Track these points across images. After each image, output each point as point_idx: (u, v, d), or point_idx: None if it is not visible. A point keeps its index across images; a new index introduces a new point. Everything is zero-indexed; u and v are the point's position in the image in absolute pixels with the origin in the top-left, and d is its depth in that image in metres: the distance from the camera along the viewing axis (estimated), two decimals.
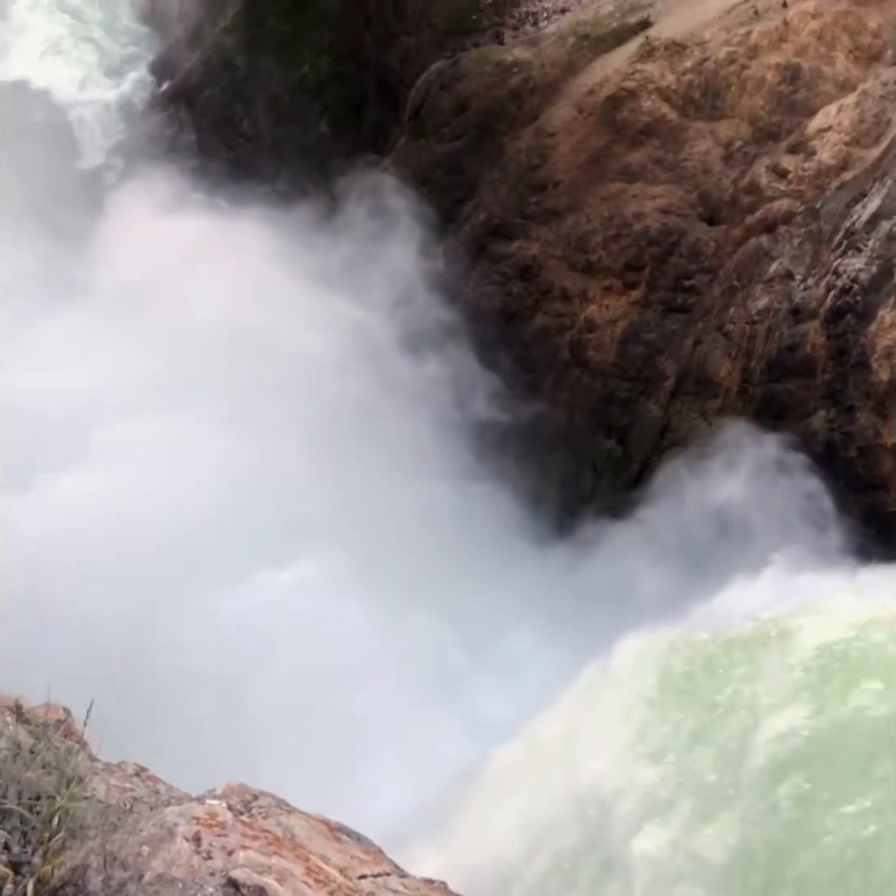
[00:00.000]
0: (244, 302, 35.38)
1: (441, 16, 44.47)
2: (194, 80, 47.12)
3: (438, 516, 32.46)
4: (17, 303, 33.37)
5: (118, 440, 29.19)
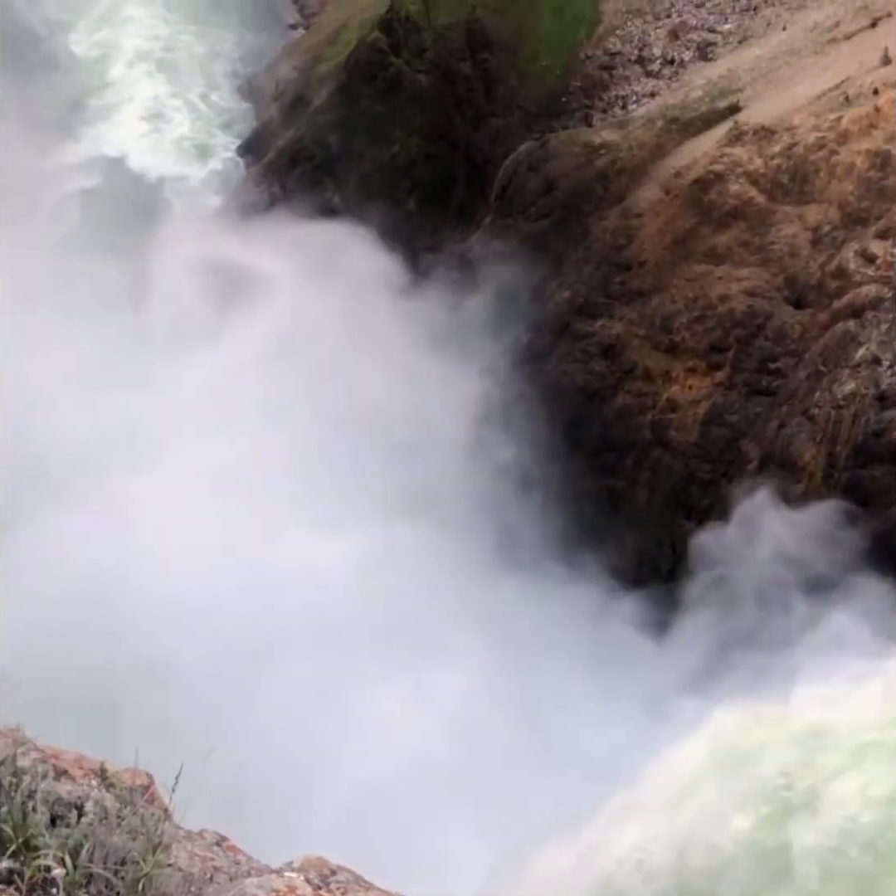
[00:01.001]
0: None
1: (531, 98, 45.15)
2: (287, 157, 48.18)
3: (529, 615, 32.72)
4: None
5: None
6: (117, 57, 59.60)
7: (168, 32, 60.78)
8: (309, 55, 53.96)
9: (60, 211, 48.74)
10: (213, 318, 38.52)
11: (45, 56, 58.36)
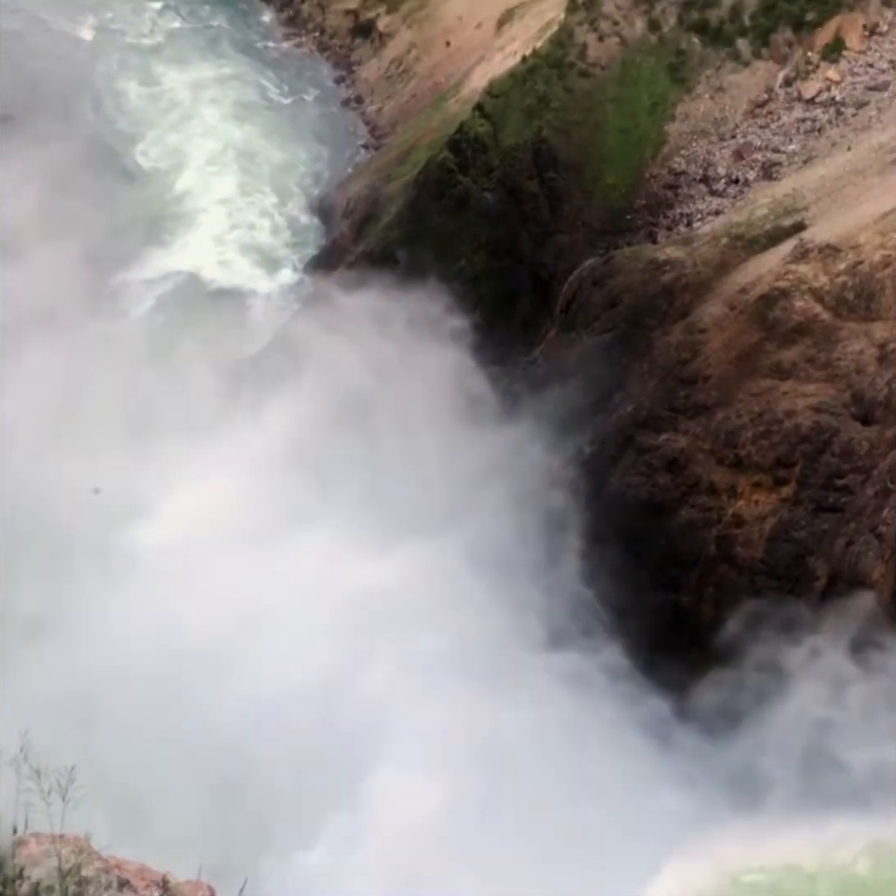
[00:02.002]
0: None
1: (596, 216, 45.81)
2: (356, 272, 49.10)
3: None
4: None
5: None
6: (190, 167, 61.15)
7: (242, 142, 62.58)
8: (379, 174, 55.25)
9: (134, 325, 50.07)
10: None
11: (120, 169, 60.10)
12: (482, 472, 39.36)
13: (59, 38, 69.44)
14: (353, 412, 40.11)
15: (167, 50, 69.47)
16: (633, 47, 47.11)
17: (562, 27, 48.57)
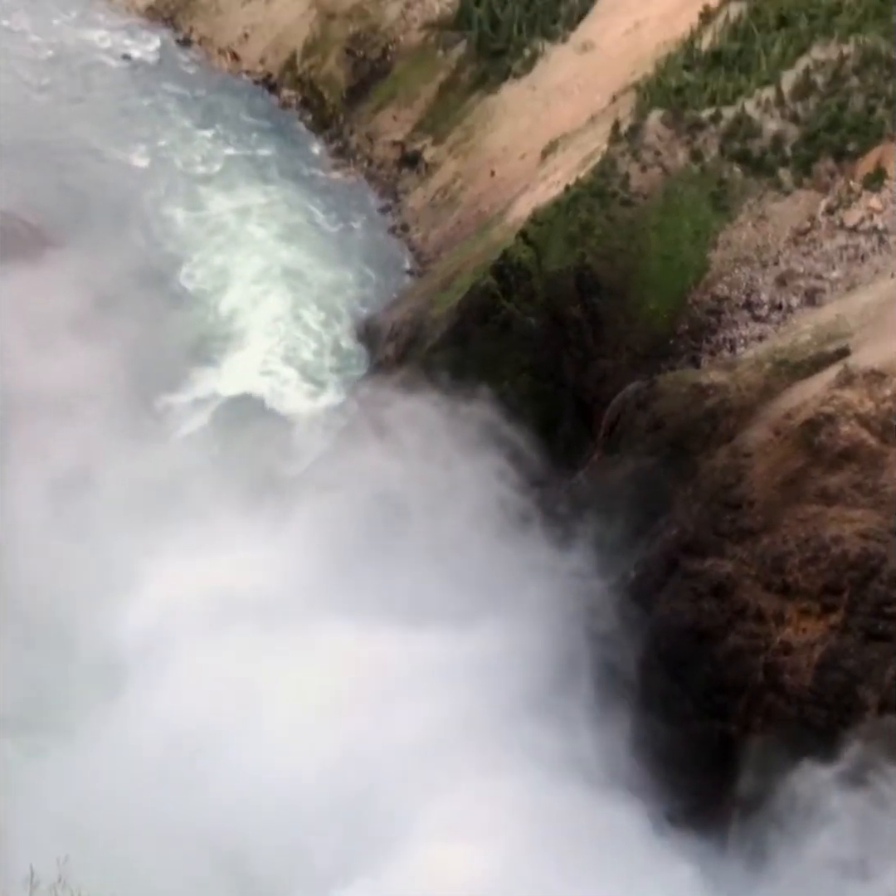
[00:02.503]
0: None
1: (639, 341, 46.10)
2: (401, 393, 49.50)
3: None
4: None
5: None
6: (236, 287, 62.37)
7: (289, 264, 63.73)
8: (424, 299, 56.05)
9: (183, 443, 50.69)
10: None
11: (167, 291, 61.28)
12: (523, 595, 39.16)
13: (113, 166, 71.55)
14: (394, 525, 40.36)
15: (216, 177, 71.42)
16: (676, 177, 47.88)
17: (604, 158, 49.51)
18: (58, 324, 51.19)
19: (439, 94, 69.95)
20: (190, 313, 60.28)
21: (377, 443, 45.05)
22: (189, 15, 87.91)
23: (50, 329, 50.70)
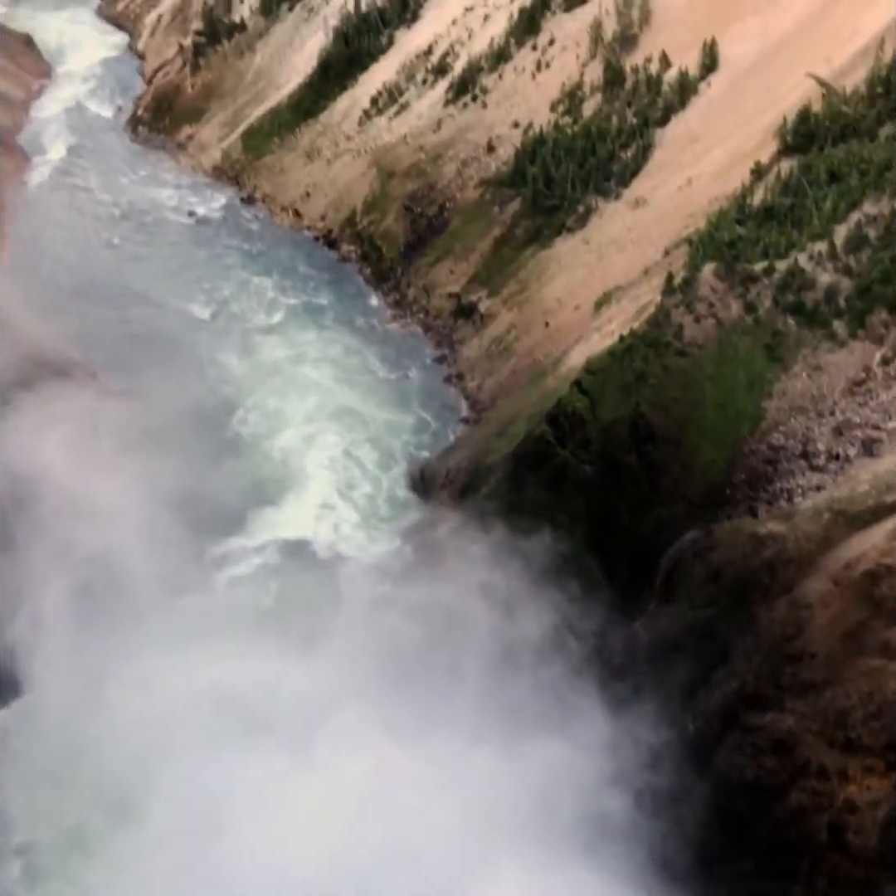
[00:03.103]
0: None
1: (695, 489, 45.95)
2: (456, 540, 49.54)
3: None
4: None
5: None
6: (291, 431, 63.13)
7: (345, 409, 64.59)
8: (479, 446, 56.43)
9: (234, 589, 50.85)
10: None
11: (222, 435, 62.16)
12: (575, 743, 38.58)
13: (173, 316, 73.67)
14: (449, 668, 40.26)
15: (274, 325, 73.16)
16: (730, 328, 48.28)
17: (658, 309, 50.09)
18: (109, 463, 52.02)
19: (494, 248, 71.51)
20: (243, 457, 61.02)
21: (431, 589, 44.99)
22: (253, 174, 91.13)
23: (101, 467, 51.53)
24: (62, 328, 67.70)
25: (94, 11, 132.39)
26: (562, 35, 78.66)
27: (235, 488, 58.14)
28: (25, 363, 58.89)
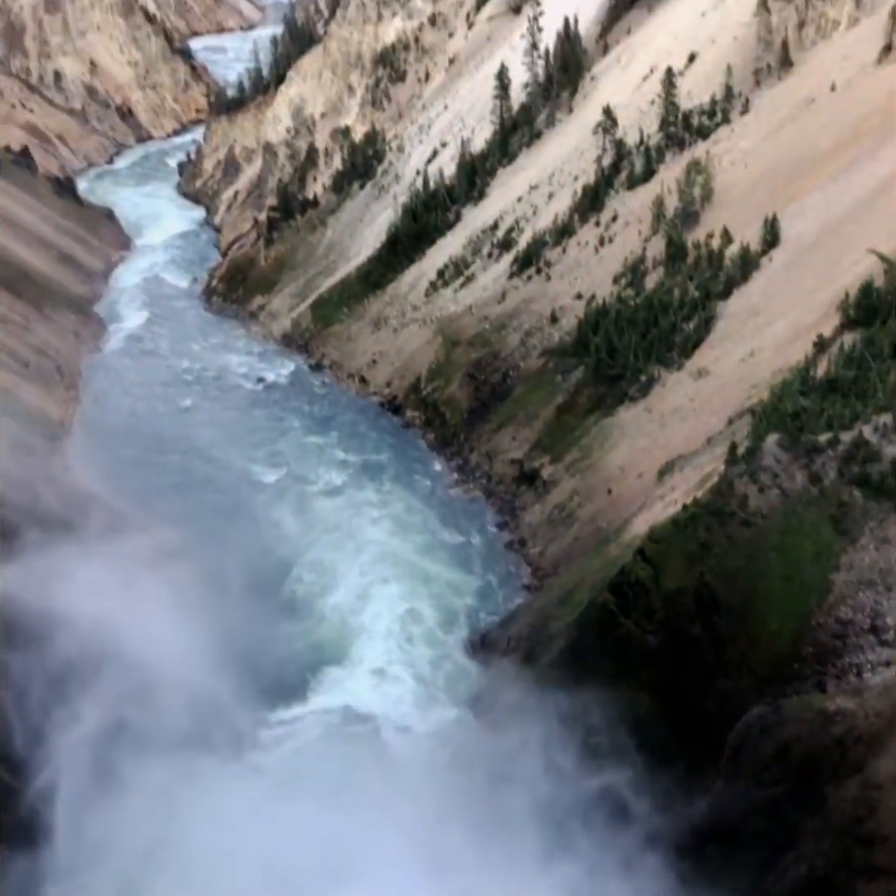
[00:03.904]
0: None
1: (761, 662, 45.03)
2: (517, 713, 48.84)
3: None
4: None
5: None
6: (348, 591, 63.14)
7: (406, 568, 64.78)
8: (541, 614, 55.96)
9: (296, 758, 50.34)
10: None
11: (277, 596, 62.23)
12: None
13: (235, 475, 74.96)
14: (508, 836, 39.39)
15: (336, 487, 73.98)
16: (795, 498, 47.92)
17: (722, 478, 49.93)
18: (165, 621, 52.16)
19: (557, 415, 72.19)
20: (299, 618, 61.17)
21: (491, 759, 44.18)
22: (322, 342, 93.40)
23: (157, 625, 51.70)
24: (126, 486, 69.07)
25: (174, 187, 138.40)
26: (624, 211, 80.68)
27: (292, 651, 58.03)
28: (88, 518, 59.99)
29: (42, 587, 49.28)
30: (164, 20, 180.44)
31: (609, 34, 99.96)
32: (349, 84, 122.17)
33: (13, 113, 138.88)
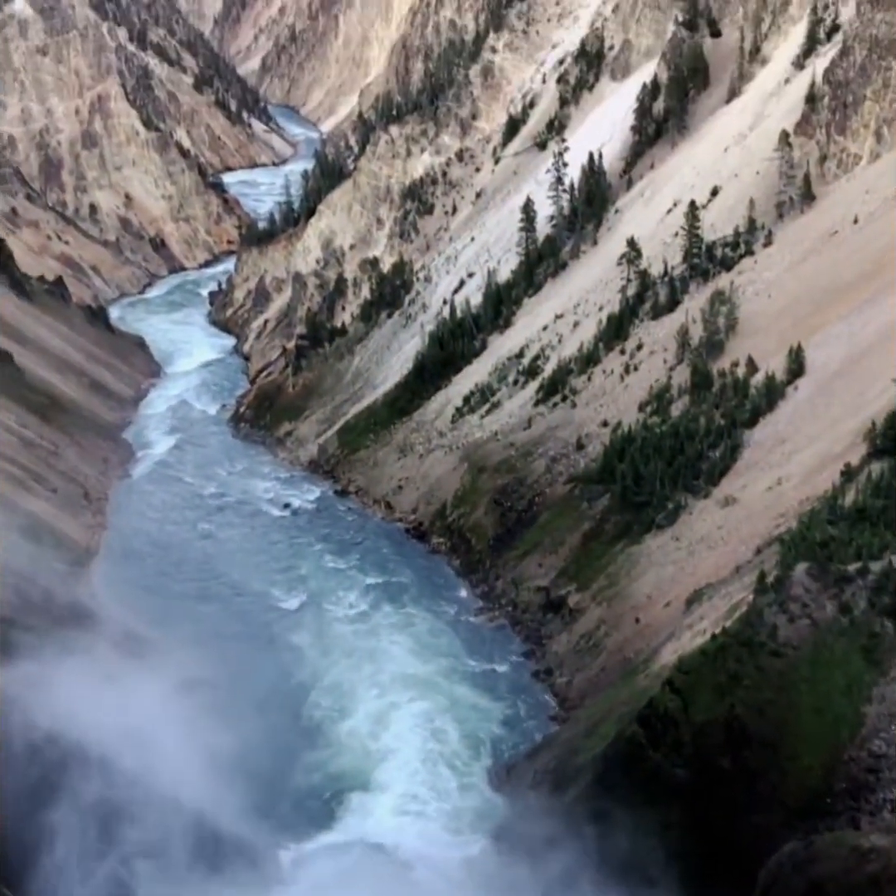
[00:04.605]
0: None
1: (793, 796, 44.07)
2: (544, 848, 47.78)
3: None
4: None
5: None
6: (368, 715, 62.45)
7: (429, 693, 64.12)
8: (567, 746, 55.09)
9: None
10: None
11: (297, 724, 61.52)
12: None
13: (261, 602, 74.88)
14: None
15: (359, 613, 73.68)
16: (825, 629, 47.35)
17: (751, 608, 49.46)
18: (180, 754, 51.60)
19: (583, 542, 71.95)
20: (318, 745, 60.50)
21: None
22: (348, 468, 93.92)
23: (175, 753, 51.14)
24: (149, 611, 69.10)
25: (205, 316, 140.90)
26: (649, 340, 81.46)
27: (313, 777, 57.26)
28: (110, 643, 59.90)
29: (60, 710, 48.93)
30: (199, 155, 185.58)
31: (633, 169, 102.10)
32: (378, 216, 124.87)
33: (49, 244, 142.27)
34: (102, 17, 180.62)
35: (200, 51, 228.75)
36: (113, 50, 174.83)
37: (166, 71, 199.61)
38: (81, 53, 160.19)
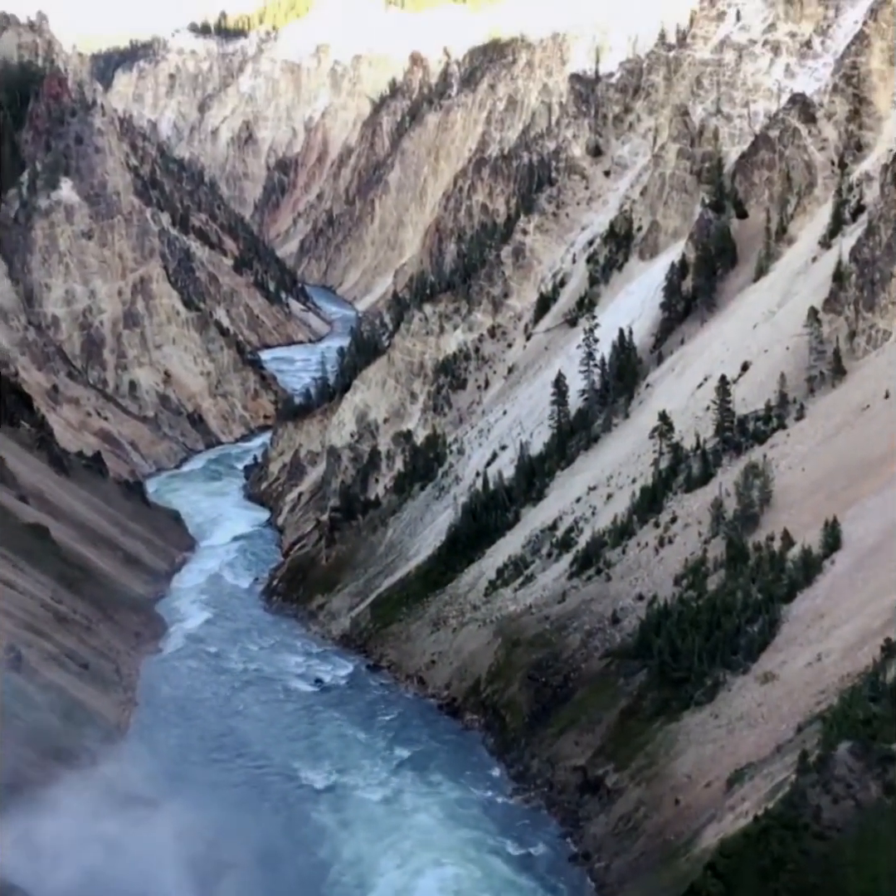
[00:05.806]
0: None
1: None
2: None
3: None
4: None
5: None
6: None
7: (463, 877, 62.58)
8: None
9: None
10: None
11: None
12: None
13: (286, 780, 73.73)
14: None
15: (389, 793, 72.15)
16: (869, 810, 45.90)
17: (794, 788, 48.07)
18: None
19: (621, 720, 70.46)
20: None
21: None
22: (380, 642, 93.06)
23: None
24: (176, 789, 67.97)
25: (240, 489, 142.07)
26: (683, 513, 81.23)
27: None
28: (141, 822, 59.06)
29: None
30: (237, 333, 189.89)
31: (663, 344, 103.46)
32: (412, 391, 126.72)
33: (88, 421, 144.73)
34: (146, 203, 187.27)
35: (241, 234, 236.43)
36: (156, 234, 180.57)
37: (207, 253, 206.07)
38: (125, 237, 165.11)
